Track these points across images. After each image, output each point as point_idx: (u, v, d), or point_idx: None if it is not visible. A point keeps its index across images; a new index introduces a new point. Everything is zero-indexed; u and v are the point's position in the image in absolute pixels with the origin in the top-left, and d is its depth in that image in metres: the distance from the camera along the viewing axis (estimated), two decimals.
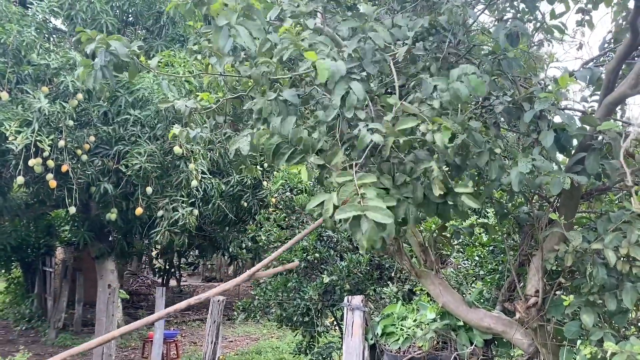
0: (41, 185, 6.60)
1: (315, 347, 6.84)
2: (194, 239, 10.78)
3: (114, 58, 2.91)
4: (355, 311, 3.78)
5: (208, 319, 5.58)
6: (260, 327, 11.83)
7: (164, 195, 6.96)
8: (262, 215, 7.09)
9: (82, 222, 9.62)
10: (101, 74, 2.91)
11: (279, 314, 6.15)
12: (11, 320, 12.33)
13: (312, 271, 6.28)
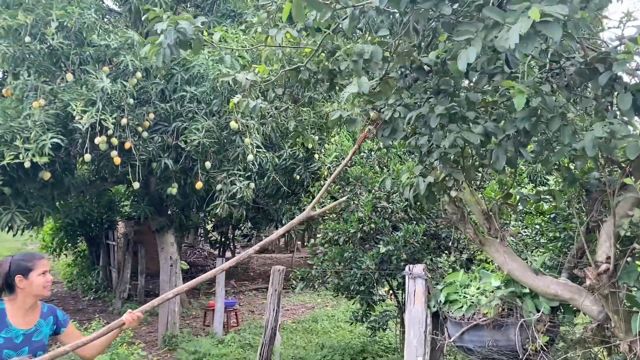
0: (106, 162, 6.89)
1: (371, 315, 6.96)
2: (248, 211, 11.02)
3: (180, 36, 2.99)
4: (417, 279, 3.82)
5: (269, 288, 5.75)
6: (314, 297, 12.08)
7: (222, 170, 7.13)
8: (316, 187, 7.17)
9: (142, 197, 10.00)
10: (169, 52, 3.00)
11: (336, 283, 6.26)
12: (79, 291, 13.08)
13: (367, 241, 6.34)
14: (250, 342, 7.61)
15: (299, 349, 7.29)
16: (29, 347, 2.70)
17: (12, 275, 2.70)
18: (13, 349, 2.64)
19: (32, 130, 5.94)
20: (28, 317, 2.74)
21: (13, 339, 2.66)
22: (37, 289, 2.74)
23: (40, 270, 2.76)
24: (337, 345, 7.35)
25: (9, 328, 2.67)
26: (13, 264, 2.74)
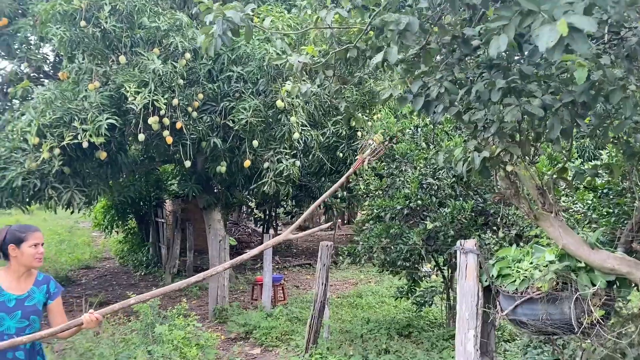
0: (158, 142, 7.11)
1: (417, 291, 7.03)
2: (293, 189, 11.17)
3: (230, 25, 3.06)
4: (469, 254, 3.85)
5: (318, 263, 5.89)
6: (357, 273, 12.22)
7: (269, 148, 7.27)
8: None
9: (190, 176, 10.27)
10: (220, 41, 3.08)
11: (382, 258, 6.34)
12: (131, 267, 13.61)
13: (413, 218, 6.37)
14: (297, 316, 7.80)
15: (345, 322, 7.43)
16: (22, 312, 2.89)
17: (7, 244, 2.92)
18: (6, 311, 2.85)
19: (88, 111, 6.19)
20: (22, 283, 2.94)
21: (6, 302, 2.86)
22: (27, 259, 2.92)
23: (32, 242, 2.93)
24: (383, 319, 7.47)
25: (2, 292, 2.87)
26: (9, 233, 2.95)
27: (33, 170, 6.33)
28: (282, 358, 5.99)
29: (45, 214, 24.21)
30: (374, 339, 6.46)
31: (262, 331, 6.99)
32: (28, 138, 6.12)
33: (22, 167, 6.33)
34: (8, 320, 2.84)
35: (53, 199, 6.56)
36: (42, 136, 6.13)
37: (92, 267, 14.03)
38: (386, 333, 6.66)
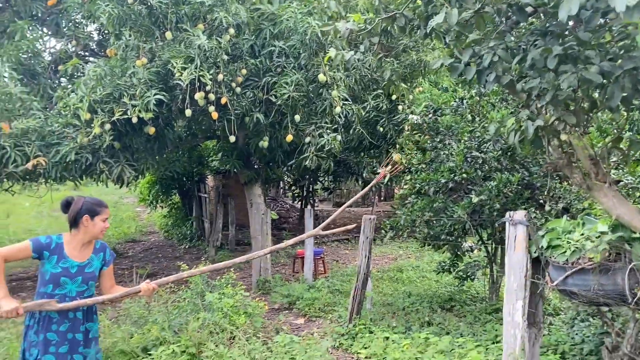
0: (204, 117, 7.24)
1: (459, 265, 7.02)
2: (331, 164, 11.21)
3: None
4: (518, 226, 3.84)
5: (361, 236, 5.95)
6: (396, 248, 12.27)
7: (310, 123, 7.31)
8: (404, 138, 7.19)
9: (231, 151, 10.44)
10: None
11: (426, 232, 6.35)
12: (175, 240, 14.02)
13: (457, 192, 6.34)
14: (338, 288, 7.92)
15: (386, 295, 7.51)
16: (82, 277, 3.10)
17: (82, 214, 3.10)
18: (69, 277, 3.05)
19: (137, 87, 6.35)
20: (83, 251, 3.14)
21: (69, 268, 3.06)
22: (96, 231, 3.15)
23: (103, 217, 3.18)
24: (424, 293, 7.51)
25: (66, 259, 3.07)
26: (85, 204, 3.15)
27: (85, 145, 6.57)
28: (325, 328, 6.11)
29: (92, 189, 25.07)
30: (416, 311, 6.51)
31: (304, 302, 7.13)
32: (80, 114, 6.33)
33: (74, 142, 6.57)
34: (70, 284, 3.05)
35: (104, 173, 6.79)
36: (93, 112, 6.33)
37: (138, 240, 14.52)
38: (428, 306, 6.70)
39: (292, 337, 5.08)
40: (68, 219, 3.13)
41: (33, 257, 3.02)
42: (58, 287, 3.04)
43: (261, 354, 4.75)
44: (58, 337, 3.00)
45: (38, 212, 17.93)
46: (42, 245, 3.03)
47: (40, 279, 3.07)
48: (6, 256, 2.94)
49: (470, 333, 5.51)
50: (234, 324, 5.44)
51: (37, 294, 3.06)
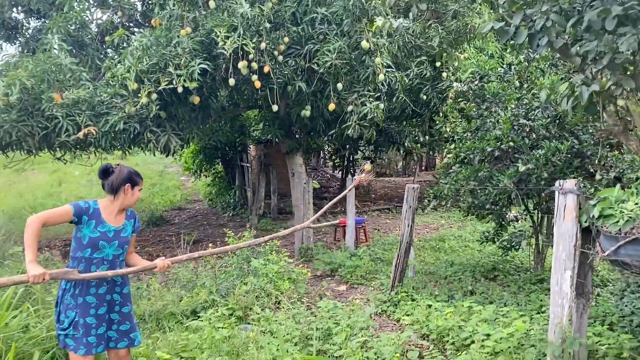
0: (247, 86, 7.29)
1: (503, 235, 6.93)
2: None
3: None
4: (568, 194, 3.74)
5: (404, 205, 5.93)
6: (438, 218, 12.18)
7: (352, 91, 7.25)
8: (448, 106, 7.06)
9: (273, 121, 10.50)
10: None
11: (470, 201, 6.27)
12: (219, 209, 14.33)
13: (503, 161, 6.21)
14: (380, 257, 7.96)
15: (428, 264, 7.51)
16: (118, 241, 3.21)
17: (125, 183, 3.20)
18: (107, 240, 3.15)
19: (181, 57, 6.43)
20: (118, 217, 3.25)
21: (107, 233, 3.16)
22: (133, 200, 3.28)
23: (140, 187, 3.32)
24: (467, 263, 7.46)
25: (104, 224, 3.16)
26: (128, 173, 3.25)
27: (132, 114, 6.73)
28: (367, 295, 6.18)
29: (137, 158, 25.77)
30: (458, 280, 6.49)
31: (346, 270, 7.21)
32: (127, 84, 6.47)
33: (122, 112, 6.75)
34: (108, 248, 3.16)
35: (152, 142, 6.97)
36: (140, 82, 6.46)
37: (183, 208, 14.92)
38: (471, 275, 6.67)
39: (335, 302, 5.17)
40: (108, 185, 3.20)
41: (73, 221, 3.10)
42: (97, 251, 3.13)
43: (305, 318, 4.85)
44: (97, 299, 3.12)
45: (88, 181, 18.60)
46: (82, 210, 3.11)
47: (76, 243, 3.14)
48: (46, 220, 2.98)
49: (514, 303, 5.47)
50: (278, 289, 5.57)
51: (73, 259, 3.14)
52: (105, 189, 3.23)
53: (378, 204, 14.85)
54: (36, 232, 2.92)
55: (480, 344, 4.20)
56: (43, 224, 2.95)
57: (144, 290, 5.58)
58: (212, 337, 3.96)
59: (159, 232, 11.48)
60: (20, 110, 6.67)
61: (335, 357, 3.86)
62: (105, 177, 3.22)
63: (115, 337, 3.21)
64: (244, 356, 3.82)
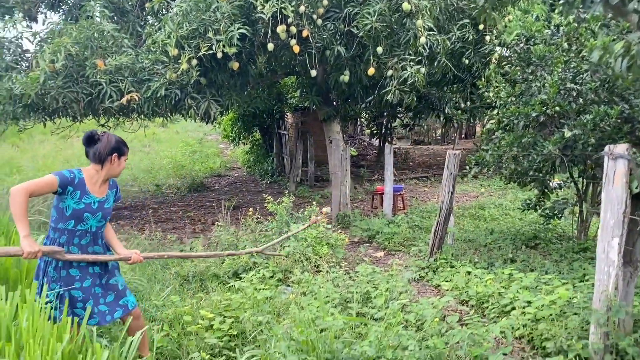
0: (285, 51, 7.24)
1: (545, 203, 6.78)
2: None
3: None
4: (618, 160, 3.61)
5: (444, 171, 5.86)
6: (478, 186, 12.00)
7: (393, 55, 7.12)
8: (492, 70, 6.85)
9: (310, 88, 10.44)
10: None
11: (513, 168, 6.14)
12: (257, 176, 14.50)
13: (548, 126, 6.03)
14: (418, 224, 7.93)
15: (467, 232, 7.43)
16: (102, 213, 3.11)
17: (112, 152, 3.08)
18: (91, 212, 3.04)
19: (220, 22, 6.42)
20: (102, 188, 3.12)
21: (91, 204, 3.04)
22: (119, 170, 3.16)
23: (126, 157, 3.20)
24: (507, 231, 7.36)
25: (88, 195, 3.03)
26: (116, 142, 3.12)
27: (173, 81, 6.81)
28: (406, 261, 6.19)
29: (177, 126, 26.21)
30: (498, 248, 6.42)
31: (384, 236, 7.22)
32: (168, 50, 6.53)
33: (163, 79, 6.83)
34: (92, 220, 3.07)
35: (192, 109, 7.05)
36: (180, 48, 6.51)
37: (222, 175, 15.16)
38: (511, 244, 6.57)
39: (373, 267, 5.19)
40: (93, 154, 3.06)
41: (57, 192, 2.95)
42: (80, 223, 3.03)
43: (344, 282, 4.91)
44: (80, 272, 3.04)
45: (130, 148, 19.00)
46: (67, 180, 2.96)
47: (58, 214, 3.02)
48: (32, 191, 2.83)
49: (555, 271, 5.38)
50: (317, 253, 5.63)
51: (55, 230, 3.03)
52: (90, 158, 3.09)
53: (416, 172, 14.72)
54: (25, 204, 2.79)
55: (521, 310, 4.16)
56: (30, 194, 2.82)
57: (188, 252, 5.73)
58: (254, 297, 4.06)
59: (200, 198, 11.72)
60: (65, 77, 6.83)
61: (375, 319, 3.90)
62: (90, 144, 3.08)
63: (108, 310, 3.12)
64: (285, 316, 3.90)
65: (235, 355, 3.45)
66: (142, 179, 14.06)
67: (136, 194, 12.30)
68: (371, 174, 14.24)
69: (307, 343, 2.97)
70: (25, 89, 6.88)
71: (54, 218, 3.05)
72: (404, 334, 3.11)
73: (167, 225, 8.88)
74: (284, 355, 2.89)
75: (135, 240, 6.33)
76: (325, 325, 3.14)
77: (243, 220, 6.44)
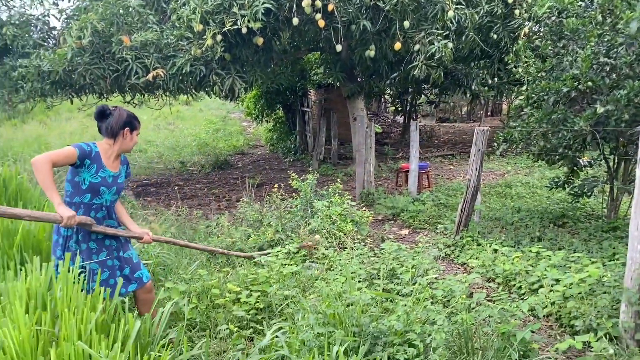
0: (310, 26, 7.15)
1: (575, 181, 6.65)
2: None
3: None
4: None
5: (472, 148, 5.76)
6: (504, 165, 11.84)
7: (419, 29, 6.98)
8: (521, 45, 6.67)
9: (334, 64, 10.34)
10: None
11: (542, 145, 6.01)
12: (280, 153, 14.52)
13: (579, 102, 5.87)
14: (443, 202, 7.86)
15: (494, 210, 7.35)
16: (116, 187, 3.14)
17: (124, 126, 3.11)
18: (106, 186, 3.07)
19: None
20: (114, 162, 3.15)
21: (106, 178, 3.07)
22: (131, 145, 3.19)
23: (138, 132, 3.22)
24: (534, 209, 7.25)
25: (104, 169, 3.06)
26: (128, 116, 3.14)
27: (198, 57, 6.80)
28: (431, 239, 6.15)
29: (200, 104, 26.34)
30: (525, 226, 6.33)
31: (409, 214, 7.18)
32: (193, 25, 6.50)
33: (188, 55, 6.82)
34: (107, 194, 3.11)
35: (217, 85, 7.04)
36: (205, 23, 6.48)
37: (246, 153, 15.22)
38: (539, 222, 6.48)
39: (399, 244, 5.18)
40: (106, 128, 3.09)
41: (75, 164, 2.96)
42: (97, 197, 3.06)
43: (369, 259, 4.91)
44: (97, 245, 3.10)
45: (155, 125, 19.23)
46: (86, 153, 2.98)
47: (74, 188, 3.03)
48: (55, 160, 2.83)
49: (584, 250, 5.29)
50: (341, 230, 5.63)
51: (71, 204, 3.03)
52: (103, 132, 3.12)
53: (441, 150, 14.57)
54: (51, 173, 2.81)
55: (549, 288, 4.12)
56: (54, 164, 2.83)
57: (214, 228, 5.79)
58: (280, 272, 4.08)
59: (224, 175, 11.81)
60: (92, 53, 6.88)
61: (402, 294, 3.90)
62: (102, 119, 3.10)
63: (124, 283, 3.17)
64: (311, 290, 3.93)
65: (262, 327, 3.49)
66: (167, 156, 14.21)
67: (162, 171, 12.44)
68: (395, 152, 14.14)
69: (335, 317, 2.98)
70: (53, 65, 6.96)
71: (69, 192, 3.06)
72: (432, 309, 3.10)
73: (193, 201, 8.98)
74: (311, 328, 2.91)
75: (163, 216, 6.42)
76: (352, 300, 3.15)
77: (267, 197, 6.46)
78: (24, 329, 2.26)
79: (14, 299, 2.49)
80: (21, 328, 2.27)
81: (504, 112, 21.91)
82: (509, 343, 3.02)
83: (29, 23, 8.21)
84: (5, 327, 2.25)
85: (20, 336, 2.24)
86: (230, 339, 3.31)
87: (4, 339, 2.22)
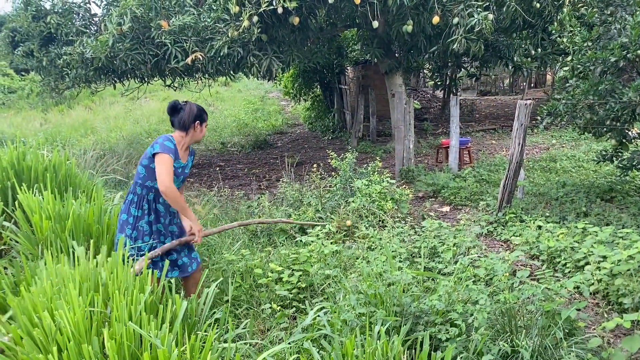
0: (346, 3, 7.07)
1: (624, 154, 6.41)
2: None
3: None
4: None
5: (514, 123, 5.62)
6: (549, 138, 11.51)
7: (458, 1, 6.80)
8: (566, 13, 6.40)
9: (371, 40, 10.19)
10: None
11: (588, 117, 5.81)
12: (319, 132, 14.52)
13: (628, 72, 5.62)
14: (485, 178, 7.73)
15: (537, 185, 7.17)
16: (183, 177, 3.35)
17: (196, 119, 3.25)
18: (177, 175, 3.25)
19: None
20: (184, 153, 3.32)
21: (178, 168, 3.24)
22: (201, 136, 3.35)
23: (207, 124, 3.37)
24: (580, 183, 7.04)
25: (178, 160, 3.23)
26: (198, 110, 3.29)
27: (235, 39, 6.83)
28: (473, 216, 6.07)
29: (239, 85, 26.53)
30: (571, 202, 6.17)
31: (450, 191, 7.10)
32: (229, 7, 6.53)
33: (226, 37, 6.86)
34: (177, 182, 3.28)
35: (254, 66, 7.08)
36: (242, 4, 6.49)
37: (284, 132, 15.30)
38: (585, 197, 6.30)
39: (440, 222, 5.14)
40: (178, 121, 3.25)
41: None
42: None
43: (410, 237, 4.90)
44: (164, 228, 3.31)
45: None
46: (173, 152, 3.17)
47: (148, 173, 3.20)
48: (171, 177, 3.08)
49: (634, 225, 5.12)
50: (381, 209, 5.62)
51: (142, 187, 3.23)
52: (175, 126, 3.28)
53: (483, 124, 14.26)
54: (182, 197, 3.20)
55: (595, 265, 4.02)
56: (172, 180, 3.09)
57: (255, 208, 5.88)
58: (321, 251, 4.13)
59: (264, 155, 11.93)
60: (132, 39, 7.01)
61: (444, 274, 3.89)
62: (174, 113, 3.26)
63: (189, 262, 3.39)
64: (352, 270, 3.96)
65: (304, 307, 3.56)
66: (208, 137, 14.43)
67: (203, 152, 12.66)
68: (435, 128, 13.93)
69: (376, 296, 3.01)
70: (95, 52, 7.14)
71: (142, 175, 3.23)
72: (474, 289, 3.09)
73: (234, 182, 9.12)
74: (353, 308, 2.95)
75: (205, 197, 6.56)
76: (393, 279, 3.16)
77: (307, 177, 6.51)
78: (78, 310, 2.38)
79: (68, 282, 2.61)
80: (75, 309, 2.38)
81: (548, 83, 21.19)
82: (554, 322, 2.98)
83: (71, 11, 8.42)
84: (61, 309, 2.37)
85: (75, 317, 2.35)
86: (274, 317, 3.39)
87: (60, 319, 2.34)
